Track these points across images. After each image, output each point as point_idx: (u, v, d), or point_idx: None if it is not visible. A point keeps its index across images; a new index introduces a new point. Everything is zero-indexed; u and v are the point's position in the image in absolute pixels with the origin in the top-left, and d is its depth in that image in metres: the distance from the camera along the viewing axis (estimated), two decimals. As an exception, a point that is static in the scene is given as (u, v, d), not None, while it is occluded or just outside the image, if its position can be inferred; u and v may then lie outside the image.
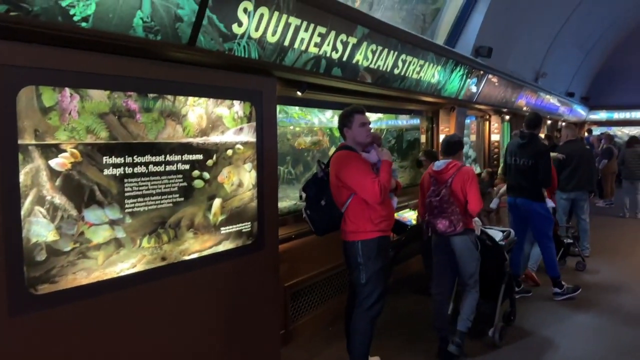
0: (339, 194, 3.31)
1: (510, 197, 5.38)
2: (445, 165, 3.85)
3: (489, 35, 7.46)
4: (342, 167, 3.26)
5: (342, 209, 3.31)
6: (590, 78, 17.19)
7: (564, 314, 4.82)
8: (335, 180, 3.29)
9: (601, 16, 12.60)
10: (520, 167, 5.18)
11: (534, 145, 5.15)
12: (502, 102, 8.95)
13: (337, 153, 3.40)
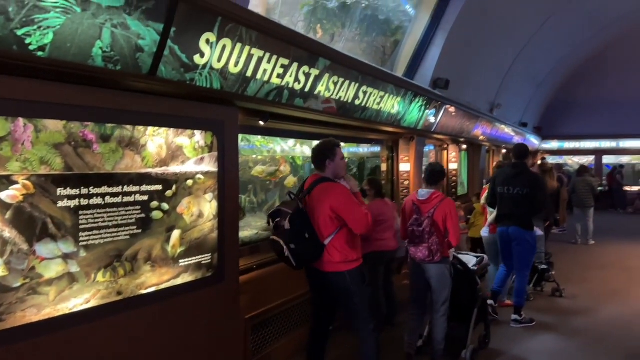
0: (327, 225, 3.30)
1: (502, 226, 5.41)
2: (429, 196, 4.03)
3: (446, 68, 7.72)
4: (336, 199, 3.30)
5: (325, 241, 3.29)
6: (542, 109, 17.95)
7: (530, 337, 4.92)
8: (328, 211, 3.28)
9: (550, 53, 13.24)
10: (515, 196, 5.25)
11: (528, 175, 5.31)
12: (460, 132, 9.20)
13: (323, 185, 3.37)
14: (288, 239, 3.21)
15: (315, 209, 3.32)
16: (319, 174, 3.48)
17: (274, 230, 3.32)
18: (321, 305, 3.60)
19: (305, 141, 5.73)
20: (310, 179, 3.53)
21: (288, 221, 3.20)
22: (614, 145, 18.36)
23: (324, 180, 3.41)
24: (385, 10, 6.61)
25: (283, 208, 3.33)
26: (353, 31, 6.28)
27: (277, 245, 3.26)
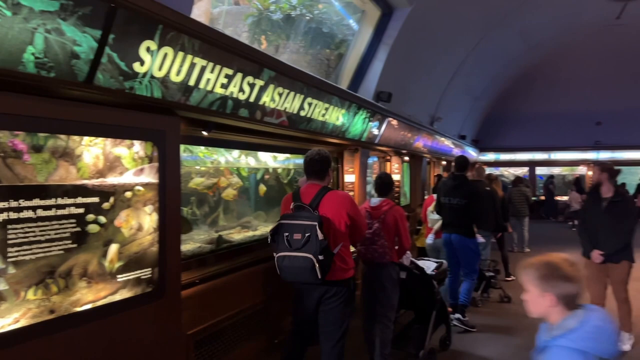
0: (341, 233, 3.36)
1: (446, 233, 5.76)
2: (380, 203, 4.36)
3: (388, 81, 7.90)
4: (352, 206, 3.45)
5: (336, 249, 3.30)
6: (479, 122, 18.70)
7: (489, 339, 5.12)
8: (346, 219, 3.37)
9: (485, 69, 13.85)
10: (454, 207, 5.60)
11: (467, 186, 5.68)
12: (402, 144, 9.42)
13: (333, 193, 3.45)
14: (319, 250, 3.14)
15: (331, 217, 3.34)
16: (319, 184, 3.52)
17: (290, 245, 3.23)
18: (308, 321, 3.55)
19: (250, 152, 5.68)
20: (310, 189, 3.51)
21: (321, 231, 3.15)
22: (545, 157, 19.36)
23: (328, 189, 3.48)
24: (329, 24, 6.70)
25: (291, 221, 3.28)
26: (297, 43, 6.31)
27: (300, 260, 3.17)
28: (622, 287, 4.85)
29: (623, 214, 4.71)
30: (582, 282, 1.84)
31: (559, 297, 1.82)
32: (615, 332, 1.79)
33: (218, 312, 4.18)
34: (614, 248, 4.70)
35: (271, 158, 6.14)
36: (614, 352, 1.74)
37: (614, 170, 4.85)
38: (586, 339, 1.74)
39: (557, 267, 1.84)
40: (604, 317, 1.80)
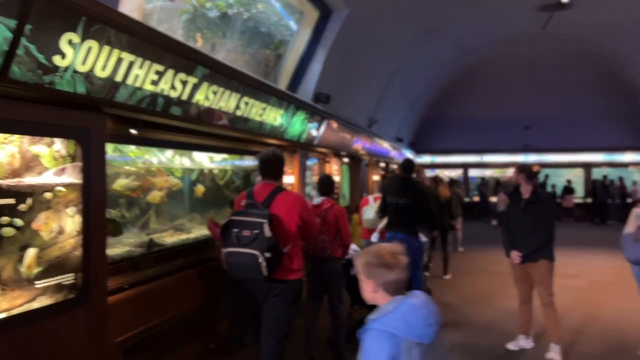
0: (291, 233, 3.40)
1: (391, 232, 5.82)
2: (321, 201, 4.61)
3: (327, 83, 7.94)
4: (304, 207, 3.53)
5: (285, 249, 3.34)
6: (416, 125, 19.19)
7: None
8: (297, 219, 3.43)
9: (421, 73, 14.25)
10: (401, 206, 5.70)
11: (414, 187, 5.81)
12: (341, 145, 9.50)
13: (286, 194, 3.50)
14: (265, 247, 3.16)
15: (282, 216, 3.36)
16: (273, 183, 3.54)
17: (237, 241, 3.24)
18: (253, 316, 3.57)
19: (185, 152, 5.52)
20: (263, 188, 3.52)
21: (269, 229, 3.18)
22: (478, 159, 20.15)
23: (282, 189, 3.51)
24: (267, 24, 6.64)
25: (242, 218, 3.30)
26: (235, 42, 6.21)
27: (246, 256, 3.19)
28: (544, 288, 4.73)
29: (539, 214, 4.70)
30: (403, 270, 1.94)
31: (379, 283, 1.94)
32: (430, 317, 1.86)
33: (149, 318, 4.02)
34: (530, 248, 4.68)
35: (207, 159, 5.99)
36: (426, 336, 1.83)
37: (531, 172, 4.91)
38: (395, 322, 1.82)
39: (378, 256, 1.95)
40: (419, 303, 1.89)
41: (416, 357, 1.81)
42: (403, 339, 1.80)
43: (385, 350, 1.79)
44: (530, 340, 5.01)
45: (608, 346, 5.09)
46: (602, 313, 6.18)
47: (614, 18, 12.28)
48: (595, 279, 8.17)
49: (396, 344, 1.80)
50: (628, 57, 15.15)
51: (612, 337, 5.34)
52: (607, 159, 19.06)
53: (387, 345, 1.79)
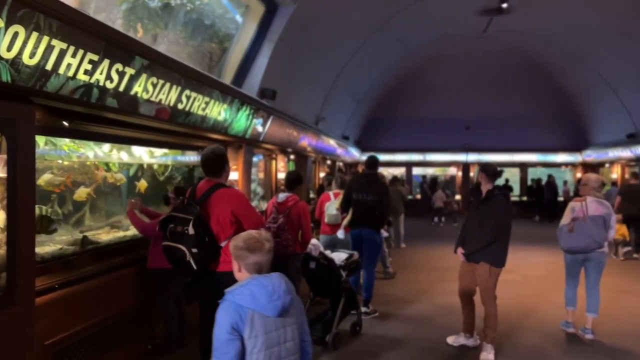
0: (227, 228, 3.48)
1: (356, 228, 5.98)
2: (286, 198, 4.71)
3: (273, 79, 7.87)
4: (238, 204, 3.56)
5: (222, 243, 3.45)
6: (361, 124, 19.39)
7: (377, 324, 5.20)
8: (230, 215, 3.48)
9: (367, 72, 14.41)
10: (368, 203, 5.88)
11: (379, 184, 6.09)
12: (287, 142, 9.46)
13: (222, 190, 3.56)
14: (192, 244, 3.30)
15: (215, 213, 3.47)
16: (214, 180, 3.63)
17: (171, 236, 3.39)
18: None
19: (123, 146, 5.32)
20: (203, 184, 3.64)
21: (192, 227, 3.30)
22: (421, 158, 20.62)
23: (220, 186, 3.59)
24: (212, 16, 6.49)
25: (177, 214, 3.43)
26: (177, 33, 6.03)
27: (176, 251, 3.33)
28: (484, 290, 4.73)
29: (489, 215, 4.64)
30: (265, 253, 2.23)
31: (243, 264, 2.22)
32: (275, 294, 2.12)
33: (83, 318, 3.85)
34: (473, 247, 4.69)
35: (147, 153, 5.80)
36: (270, 309, 2.10)
37: (493, 171, 4.83)
38: (242, 295, 2.10)
39: (244, 241, 2.22)
40: (268, 281, 2.15)
41: (259, 327, 2.08)
42: (247, 310, 2.08)
43: (229, 317, 2.07)
44: (475, 339, 4.99)
45: (541, 338, 5.33)
46: (536, 307, 6.47)
47: (547, 25, 12.89)
48: (529, 273, 8.54)
49: (240, 313, 2.07)
50: (560, 62, 15.95)
51: (545, 330, 5.59)
52: (541, 159, 19.98)
53: (232, 313, 2.07)
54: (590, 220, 5.09)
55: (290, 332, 2.18)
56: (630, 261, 9.83)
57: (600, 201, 5.28)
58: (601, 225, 5.09)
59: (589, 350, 4.97)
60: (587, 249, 5.16)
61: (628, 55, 12.35)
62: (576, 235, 5.14)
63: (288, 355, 2.16)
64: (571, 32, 12.93)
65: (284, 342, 2.15)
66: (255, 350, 2.06)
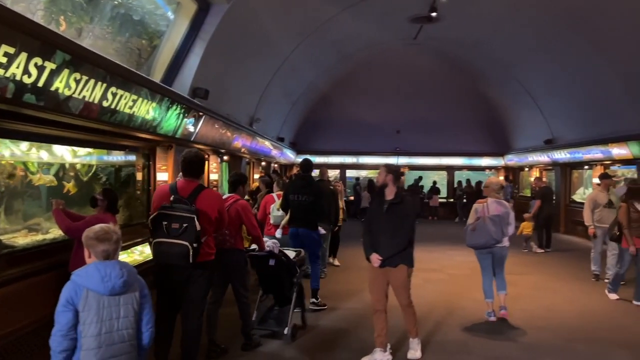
0: (211, 225, 3.94)
1: (294, 227, 6.32)
2: (227, 197, 4.86)
3: (206, 78, 7.74)
4: (222, 204, 4.16)
5: (204, 239, 3.80)
6: (297, 126, 19.45)
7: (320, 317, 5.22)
8: (216, 214, 3.97)
9: (302, 75, 14.49)
10: (303, 203, 6.22)
11: (313, 186, 6.45)
12: (220, 142, 9.33)
13: (208, 191, 4.04)
14: (193, 239, 3.61)
15: (204, 211, 3.79)
16: (196, 181, 4.00)
17: (169, 232, 3.62)
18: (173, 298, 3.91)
19: (43, 145, 5.04)
20: (187, 185, 3.94)
21: (198, 223, 3.61)
22: (354, 160, 20.98)
23: (204, 187, 4.03)
24: (141, 12, 6.28)
25: (168, 212, 3.67)
26: (104, 28, 5.79)
27: (175, 247, 3.60)
28: (403, 292, 4.66)
29: (402, 216, 4.59)
30: (111, 243, 2.59)
31: (92, 251, 2.59)
32: (107, 276, 2.50)
33: None
34: (391, 252, 4.55)
35: (69, 152, 5.52)
36: (102, 288, 2.49)
37: (399, 173, 4.81)
38: (80, 275, 2.51)
39: (94, 232, 2.59)
40: (104, 265, 2.54)
41: (92, 302, 2.47)
42: (83, 288, 2.48)
43: (66, 293, 2.48)
44: (388, 354, 4.67)
45: (465, 334, 5.57)
46: (460, 304, 6.74)
47: (473, 35, 13.53)
48: (454, 272, 8.90)
49: (76, 290, 2.48)
50: (485, 71, 16.78)
51: (469, 325, 5.85)
52: (467, 162, 20.90)
53: (69, 290, 2.49)
54: (489, 219, 5.74)
55: (124, 310, 2.56)
56: (547, 260, 10.49)
57: (500, 202, 5.95)
58: (499, 224, 5.73)
59: (507, 345, 5.23)
60: (487, 245, 5.83)
61: (546, 67, 13.18)
62: (477, 233, 5.80)
63: (120, 329, 2.55)
64: (496, 42, 13.64)
65: (117, 317, 2.54)
66: (88, 321, 2.46)
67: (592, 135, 12.51)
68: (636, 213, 6.66)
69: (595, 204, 8.16)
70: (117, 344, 2.53)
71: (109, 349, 2.50)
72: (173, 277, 3.83)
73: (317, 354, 4.94)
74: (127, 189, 6.90)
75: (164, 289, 3.92)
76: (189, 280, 3.86)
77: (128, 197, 6.82)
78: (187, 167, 3.99)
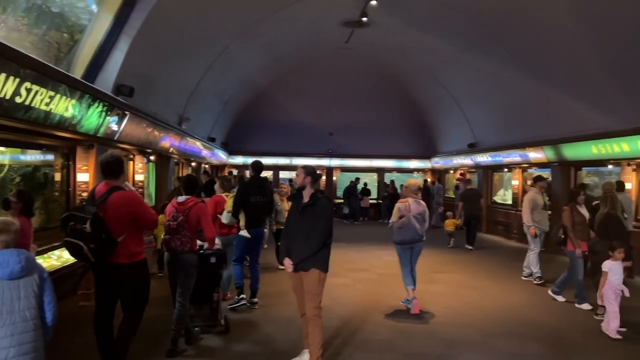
0: (125, 226, 3.99)
1: (254, 228, 6.48)
2: (185, 200, 4.95)
3: (131, 75, 7.46)
4: (135, 206, 4.09)
5: (119, 238, 3.92)
6: (229, 126, 19.15)
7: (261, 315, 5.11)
8: (127, 215, 4.00)
9: (234, 75, 14.30)
10: (260, 204, 6.49)
11: (267, 187, 6.85)
12: (146, 142, 9.03)
13: (120, 193, 4.04)
14: (89, 240, 3.76)
15: (114, 212, 3.94)
16: (112, 183, 4.07)
17: (71, 232, 3.80)
18: (106, 299, 4.13)
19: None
20: (104, 187, 4.05)
21: (90, 225, 3.76)
22: (288, 162, 20.98)
23: (117, 189, 4.05)
24: (60, 3, 5.95)
25: (77, 213, 3.89)
26: (18, 20, 5.44)
27: (75, 246, 3.79)
28: (312, 298, 4.41)
29: (316, 219, 4.41)
30: (10, 234, 2.93)
31: None
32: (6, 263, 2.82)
33: None
34: (302, 255, 4.37)
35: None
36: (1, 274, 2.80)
37: (317, 175, 4.67)
38: None
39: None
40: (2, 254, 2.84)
41: None
42: None
43: None
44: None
45: (391, 331, 5.73)
46: (387, 303, 6.90)
47: (401, 41, 13.94)
48: (382, 272, 9.12)
49: None
50: (413, 76, 17.35)
51: (395, 323, 6.02)
52: (396, 165, 21.48)
53: None
54: (413, 217, 6.30)
55: (24, 292, 2.87)
56: (471, 259, 11.00)
57: (418, 201, 6.52)
58: (421, 221, 6.36)
59: (431, 342, 5.42)
60: (413, 240, 6.38)
61: (470, 73, 13.83)
62: (404, 230, 6.31)
63: (22, 310, 2.84)
64: (423, 48, 14.13)
65: (18, 299, 2.84)
66: None
67: (512, 139, 13.27)
68: (579, 216, 6.89)
69: (535, 205, 8.42)
70: (19, 322, 2.83)
71: (12, 327, 2.80)
72: (99, 274, 4.10)
73: (245, 356, 4.90)
74: (44, 190, 6.52)
75: (99, 283, 4.15)
76: (120, 279, 4.06)
77: (45, 199, 6.45)
78: (105, 169, 4.13)
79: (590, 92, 9.28)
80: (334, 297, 6.94)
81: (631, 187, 9.48)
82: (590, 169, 11.71)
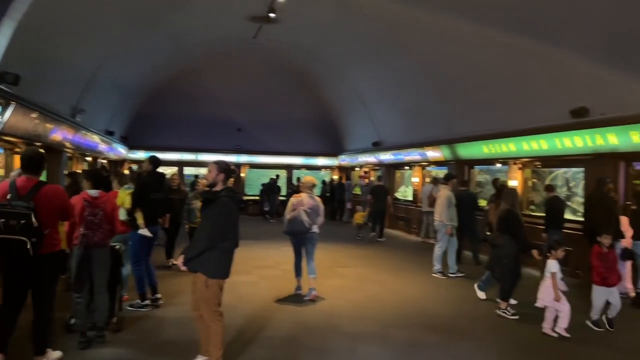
0: (54, 218, 4.21)
1: (152, 225, 6.26)
2: (98, 194, 4.97)
3: (17, 62, 6.87)
4: (65, 199, 4.34)
5: (47, 231, 4.01)
6: (129, 119, 18.20)
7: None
8: (59, 208, 4.23)
9: (135, 66, 13.61)
10: (159, 201, 6.40)
11: (165, 183, 6.77)
12: (35, 135, 8.35)
13: (50, 187, 4.21)
14: (32, 234, 3.84)
15: (48, 205, 4.06)
16: (35, 178, 4.12)
17: (4, 229, 3.76)
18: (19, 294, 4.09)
19: None
20: (26, 182, 4.05)
21: (35, 219, 3.85)
22: (193, 158, 20.41)
23: (45, 184, 4.18)
24: None
25: (12, 210, 3.84)
26: None
27: (16, 242, 3.79)
28: (205, 304, 4.15)
29: (206, 216, 4.20)
30: None
31: None
32: None
33: None
34: (187, 255, 4.13)
35: None
36: None
37: (231, 170, 4.43)
38: None
39: None
40: None
41: None
42: None
43: None
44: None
45: (296, 328, 5.75)
46: (291, 299, 6.96)
47: (309, 39, 14.07)
48: (288, 268, 9.07)
49: None
50: (321, 74, 17.59)
51: (300, 320, 6.06)
52: (305, 162, 21.70)
53: None
54: (303, 211, 6.79)
55: None
56: (374, 253, 11.38)
57: (312, 196, 6.99)
58: (312, 214, 6.82)
59: (333, 335, 5.52)
60: (301, 231, 6.86)
61: (375, 74, 14.29)
62: (293, 222, 6.84)
63: None
64: (330, 47, 14.37)
65: None
66: None
67: (412, 139, 13.91)
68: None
69: (449, 202, 8.63)
70: None
71: None
72: (16, 269, 4.03)
73: (142, 355, 4.75)
74: None
75: (9, 280, 4.05)
76: (39, 270, 4.11)
77: None
78: (27, 163, 4.15)
79: (484, 96, 9.99)
80: (240, 295, 6.87)
81: (517, 184, 10.34)
82: (482, 167, 12.58)
